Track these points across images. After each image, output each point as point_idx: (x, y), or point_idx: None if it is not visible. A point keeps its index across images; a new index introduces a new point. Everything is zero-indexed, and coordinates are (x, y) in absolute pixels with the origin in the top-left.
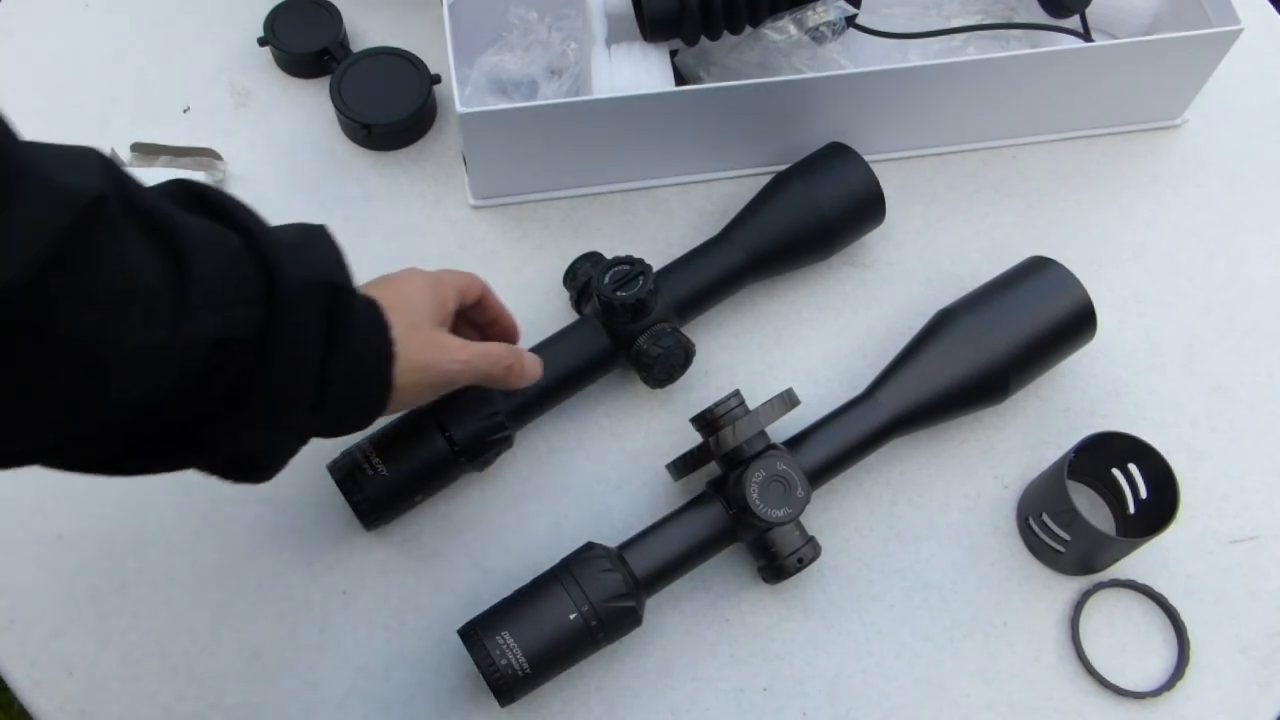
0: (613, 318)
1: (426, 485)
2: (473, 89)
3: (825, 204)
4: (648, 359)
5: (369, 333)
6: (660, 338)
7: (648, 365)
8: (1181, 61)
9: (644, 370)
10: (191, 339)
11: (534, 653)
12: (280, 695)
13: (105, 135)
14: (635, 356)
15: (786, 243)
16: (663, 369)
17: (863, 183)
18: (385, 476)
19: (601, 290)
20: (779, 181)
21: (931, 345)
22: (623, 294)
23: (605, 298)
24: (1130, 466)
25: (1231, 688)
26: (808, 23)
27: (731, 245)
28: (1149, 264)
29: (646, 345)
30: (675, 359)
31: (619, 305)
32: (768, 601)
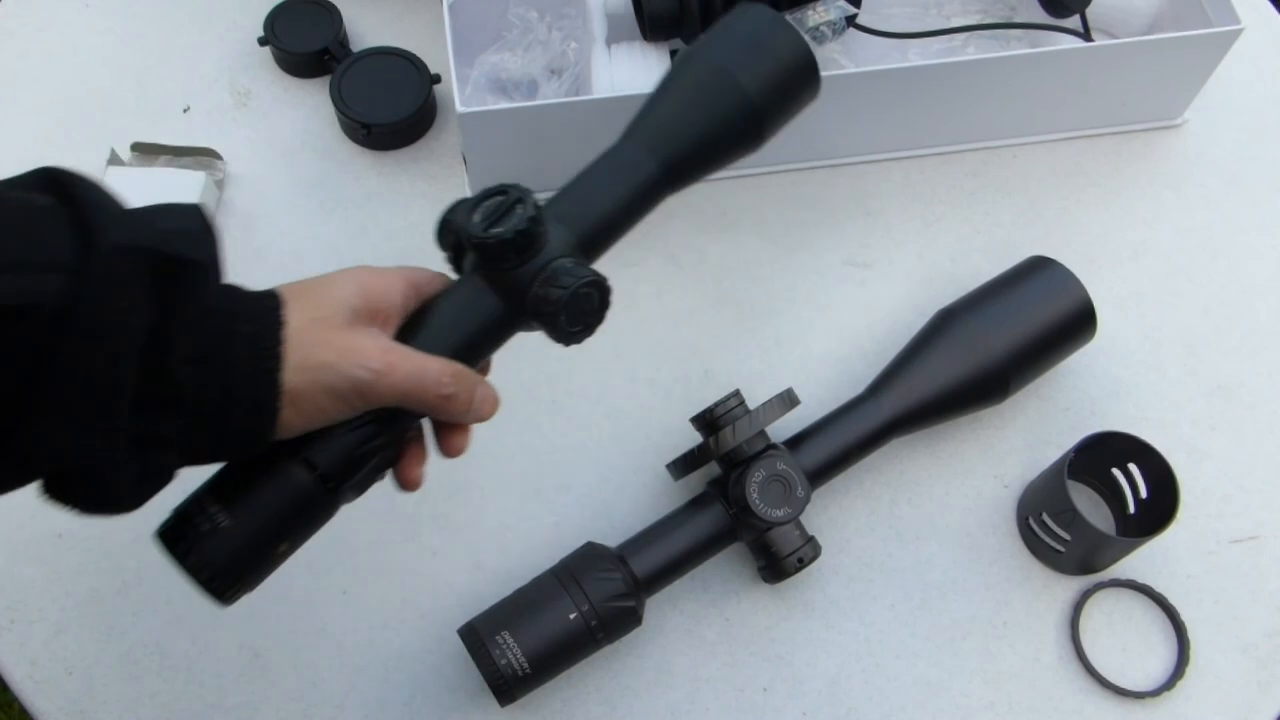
0: (494, 265)
1: (290, 530)
2: (473, 89)
3: (734, 69)
4: (549, 306)
5: (232, 317)
6: (559, 276)
7: (550, 314)
8: (1181, 61)
9: (549, 323)
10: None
11: (534, 653)
12: (280, 695)
13: (105, 135)
14: (534, 308)
15: (703, 134)
16: (571, 315)
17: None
18: (227, 528)
19: (470, 232)
20: (686, 57)
21: (931, 345)
22: (498, 229)
23: (477, 239)
24: (1130, 466)
25: (1231, 688)
26: (808, 23)
27: (637, 148)
28: (1149, 264)
29: (543, 289)
30: (586, 300)
31: (495, 244)
32: (768, 601)
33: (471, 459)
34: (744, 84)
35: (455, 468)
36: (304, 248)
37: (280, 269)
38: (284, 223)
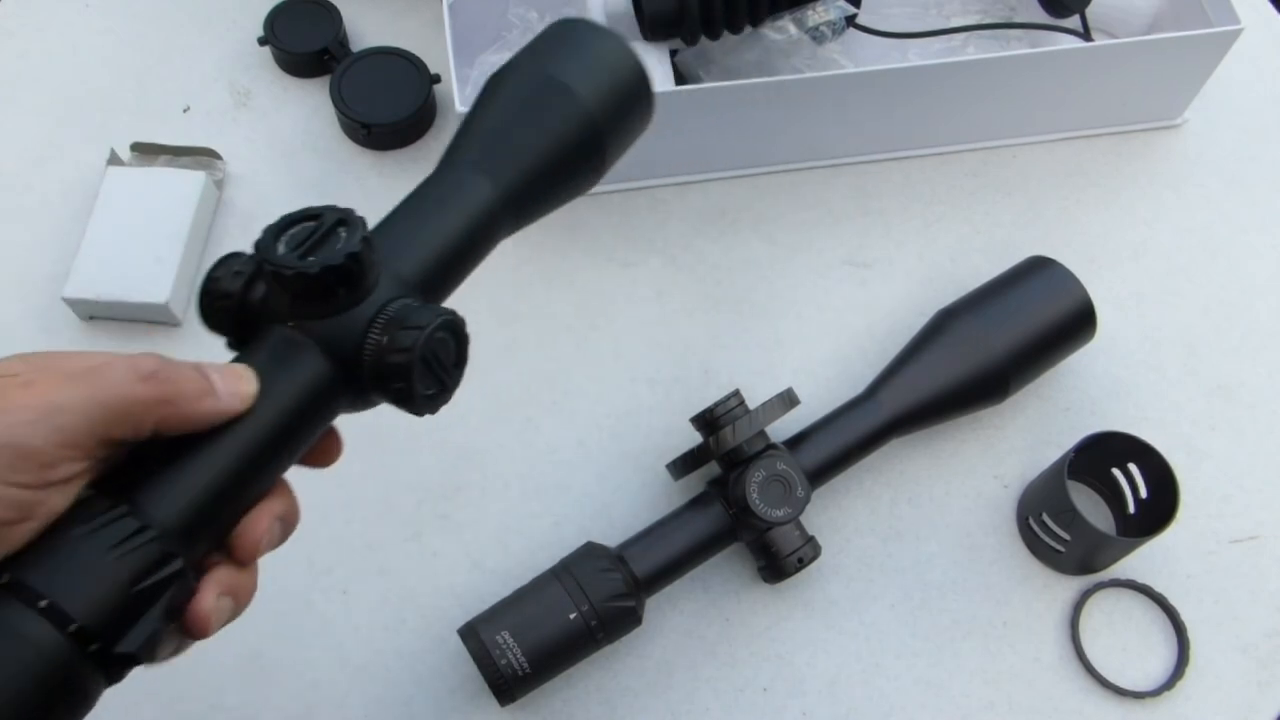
0: (312, 307)
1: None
2: (473, 89)
3: (566, 78)
4: (396, 358)
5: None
6: (406, 316)
7: (398, 369)
8: (1181, 61)
9: (395, 381)
10: None
11: (534, 653)
12: (280, 695)
13: (105, 135)
14: (374, 364)
15: (542, 150)
16: (426, 368)
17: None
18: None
19: (279, 262)
20: (504, 73)
21: (931, 345)
22: (314, 259)
23: (291, 269)
24: (1130, 466)
25: (1231, 688)
26: (808, 23)
27: (464, 172)
28: (1149, 264)
29: (385, 336)
30: (442, 347)
31: (318, 275)
32: (768, 601)
33: (471, 459)
34: (580, 94)
35: (455, 468)
36: None
37: None
38: None
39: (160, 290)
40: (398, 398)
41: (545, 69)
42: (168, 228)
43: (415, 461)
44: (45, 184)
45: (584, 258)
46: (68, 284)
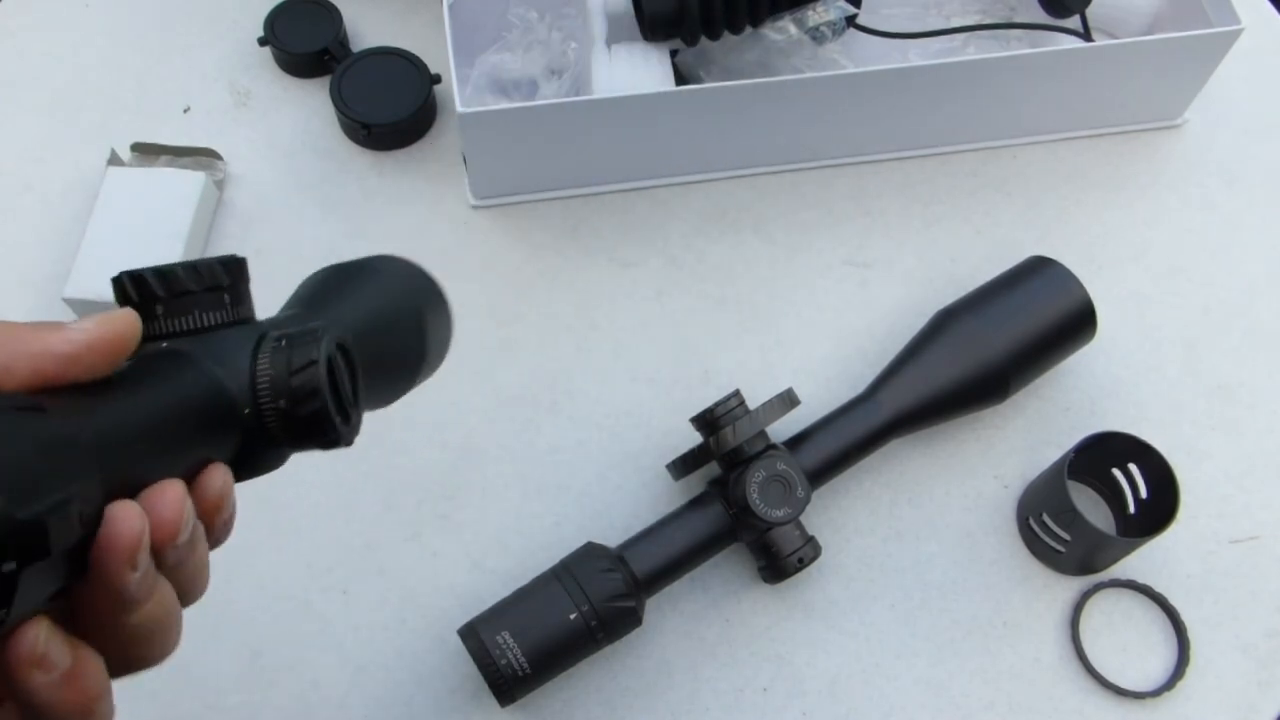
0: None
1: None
2: (473, 89)
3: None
4: (303, 415)
5: None
6: (292, 363)
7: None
8: (1181, 61)
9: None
10: None
11: (534, 653)
12: (280, 695)
13: (105, 135)
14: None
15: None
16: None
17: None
18: None
19: (281, 386)
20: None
21: (931, 345)
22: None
23: (290, 393)
24: (1130, 466)
25: (1231, 688)
26: (808, 23)
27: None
28: (1149, 264)
29: (279, 387)
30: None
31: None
32: (768, 601)
33: (471, 459)
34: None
35: (455, 468)
36: (304, 248)
37: (280, 269)
38: (284, 223)
39: None
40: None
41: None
42: (168, 228)
43: (415, 461)
44: (45, 184)
45: (584, 258)
46: (68, 284)
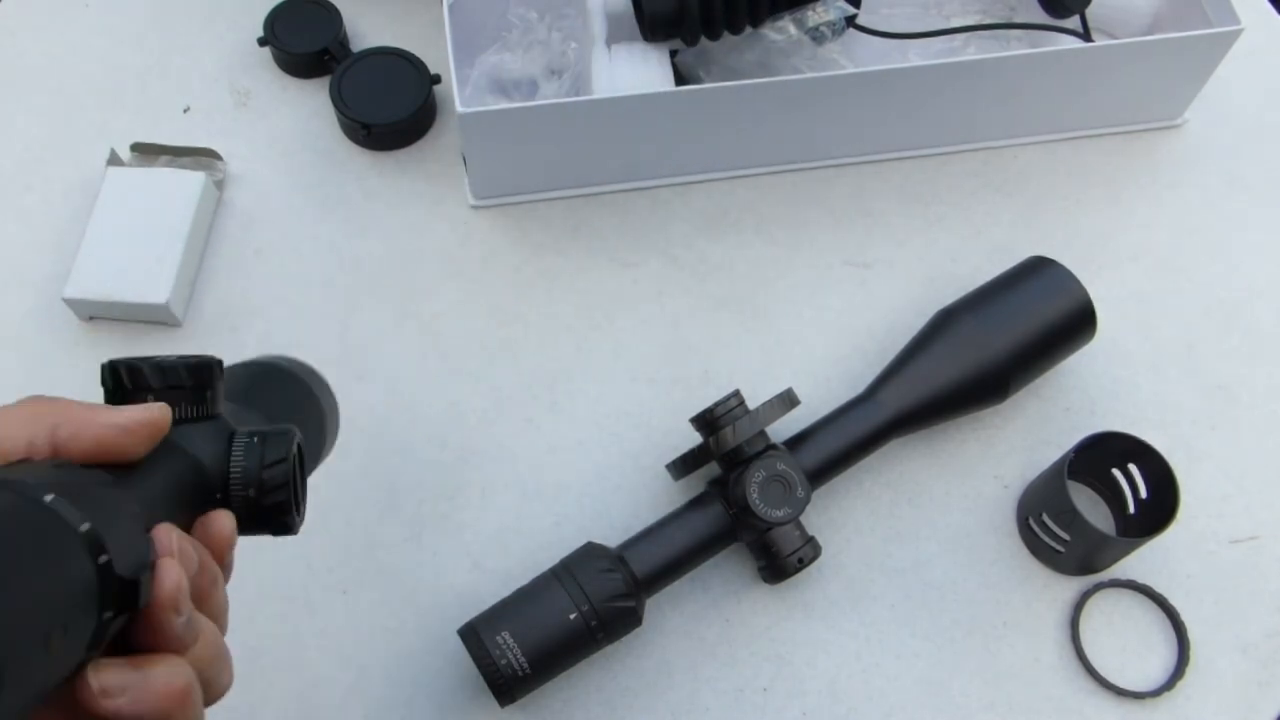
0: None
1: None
2: (473, 89)
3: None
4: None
5: None
6: (265, 459)
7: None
8: (1181, 61)
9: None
10: None
11: (534, 653)
12: (280, 695)
13: (105, 135)
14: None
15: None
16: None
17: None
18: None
19: (263, 484)
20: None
21: (931, 345)
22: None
23: (263, 491)
24: (1130, 466)
25: (1231, 688)
26: (808, 23)
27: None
28: (1149, 264)
29: (250, 480)
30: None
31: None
32: (768, 601)
33: (471, 459)
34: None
35: (455, 468)
36: (304, 248)
37: (280, 269)
38: (284, 223)
39: (160, 290)
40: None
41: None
42: (168, 228)
43: (415, 461)
44: (45, 184)
45: (584, 258)
46: (68, 284)
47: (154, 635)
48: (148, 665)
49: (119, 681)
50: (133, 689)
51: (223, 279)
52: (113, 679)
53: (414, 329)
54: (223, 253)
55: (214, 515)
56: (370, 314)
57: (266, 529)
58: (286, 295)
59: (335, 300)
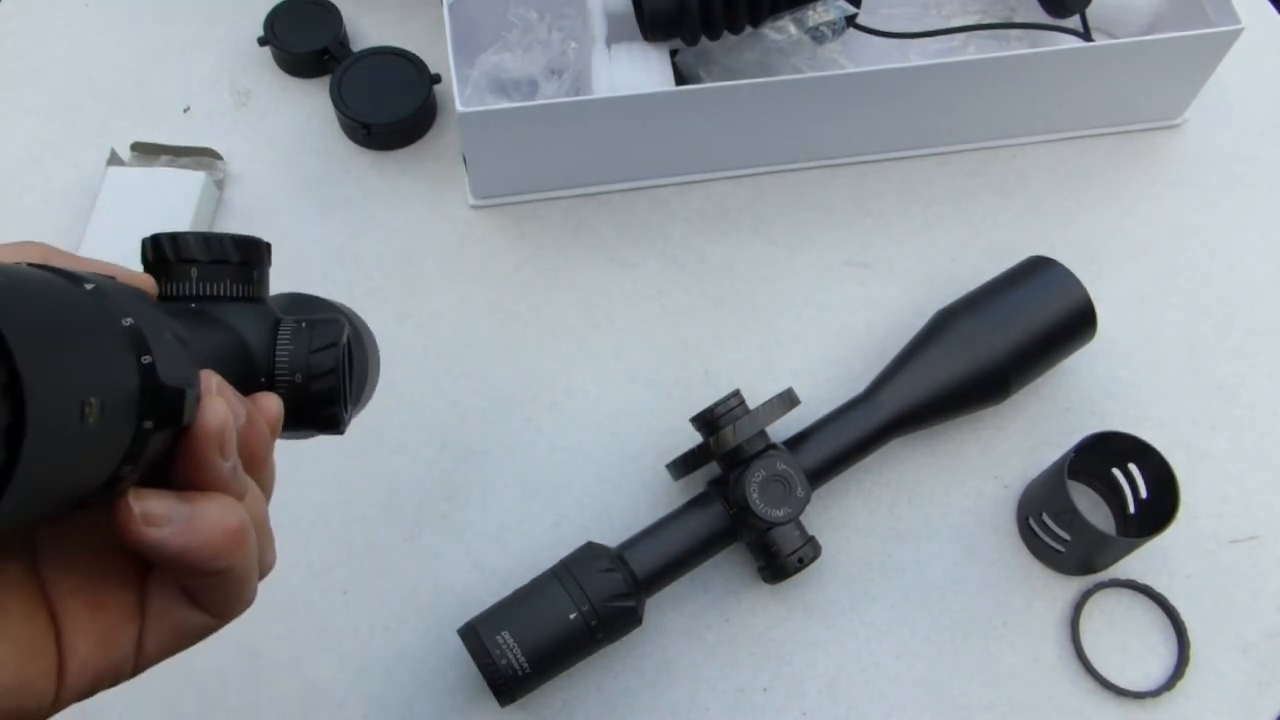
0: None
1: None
2: (473, 89)
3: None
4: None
5: None
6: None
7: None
8: (1181, 61)
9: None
10: None
11: (534, 653)
12: (280, 695)
13: (105, 135)
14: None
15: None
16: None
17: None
18: None
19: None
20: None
21: (931, 345)
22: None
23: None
24: (1130, 466)
25: (1231, 688)
26: (808, 23)
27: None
28: (1149, 264)
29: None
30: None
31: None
32: (768, 601)
33: (471, 459)
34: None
35: (455, 468)
36: (304, 248)
37: (280, 269)
38: (284, 223)
39: None
40: (324, 422)
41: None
42: (168, 228)
43: (415, 461)
44: (45, 184)
45: (584, 258)
46: None
47: (196, 476)
48: (198, 499)
49: (164, 510)
50: (180, 520)
51: None
52: (158, 506)
53: (414, 329)
54: None
55: (260, 395)
56: (370, 314)
57: (312, 424)
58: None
59: (335, 300)
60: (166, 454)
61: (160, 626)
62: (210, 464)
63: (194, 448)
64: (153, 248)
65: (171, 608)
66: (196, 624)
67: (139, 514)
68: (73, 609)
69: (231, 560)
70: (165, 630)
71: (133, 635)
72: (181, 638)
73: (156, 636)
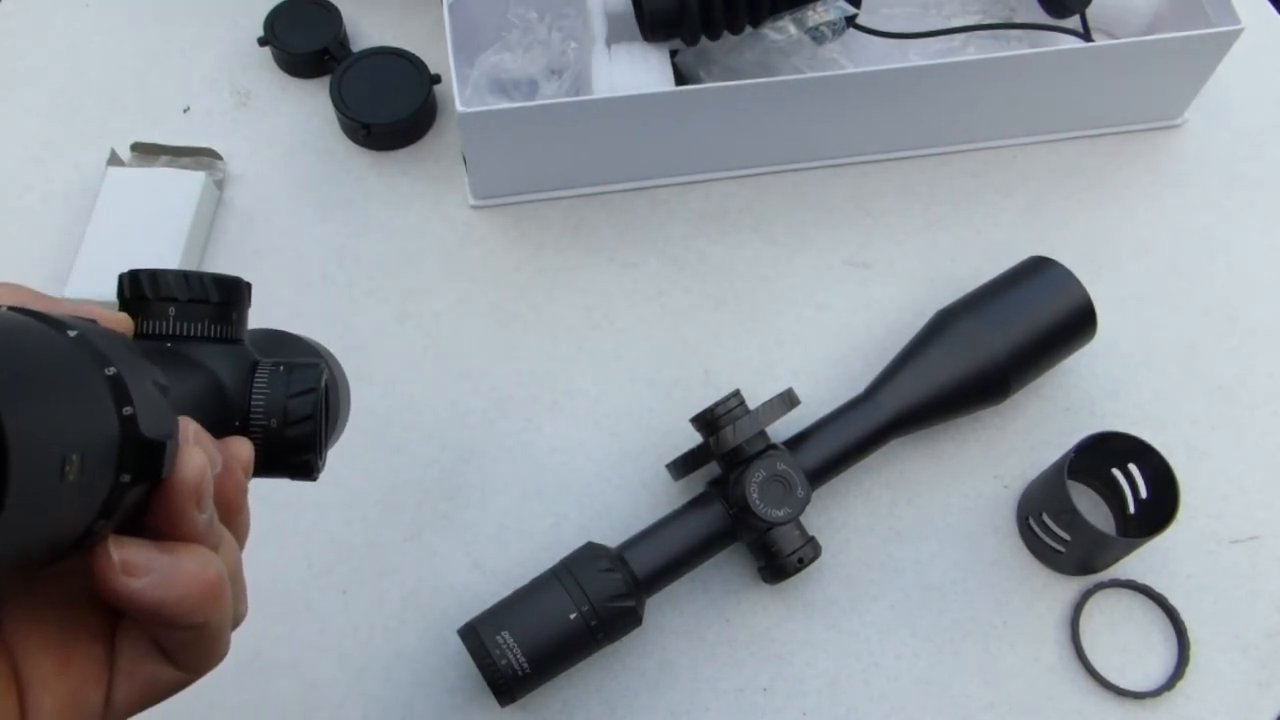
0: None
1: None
2: (473, 89)
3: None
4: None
5: None
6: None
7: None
8: (1181, 61)
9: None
10: None
11: (534, 653)
12: (280, 695)
13: (105, 135)
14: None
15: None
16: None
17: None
18: None
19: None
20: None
21: (931, 345)
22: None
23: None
24: (1130, 466)
25: (1231, 688)
26: (808, 23)
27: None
28: (1149, 264)
29: (274, 410)
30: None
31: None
32: (768, 601)
33: (471, 459)
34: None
35: (455, 468)
36: (304, 248)
37: (280, 269)
38: (284, 223)
39: None
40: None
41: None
42: (168, 228)
43: (415, 461)
44: (45, 184)
45: (584, 258)
46: (68, 284)
47: (172, 527)
48: (177, 550)
49: (144, 560)
50: (160, 570)
51: None
52: (138, 555)
53: (414, 329)
54: (223, 253)
55: (231, 439)
56: (370, 314)
57: (286, 469)
58: (286, 295)
59: (335, 300)
60: (141, 504)
61: (130, 682)
62: (187, 515)
63: (171, 499)
64: (131, 284)
65: (142, 662)
66: (168, 679)
67: (118, 562)
68: (38, 665)
69: (208, 614)
70: (135, 686)
71: (101, 692)
72: (152, 693)
73: (126, 693)
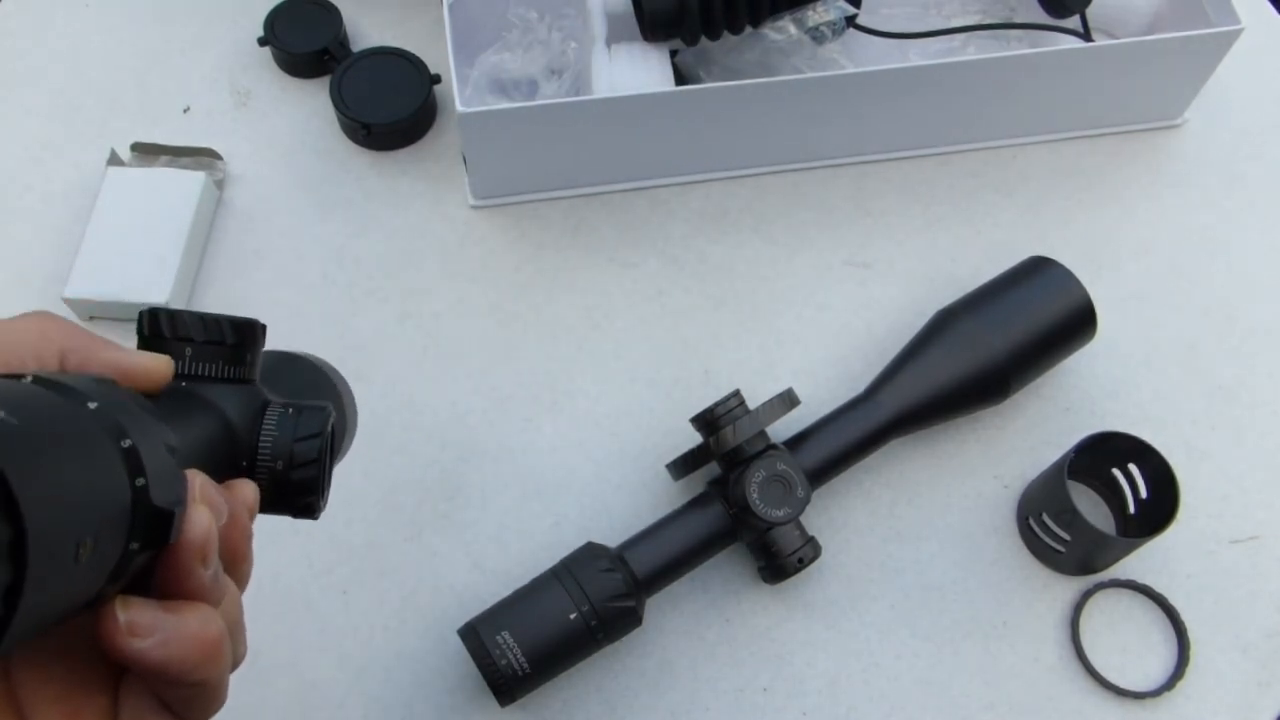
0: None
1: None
2: (473, 89)
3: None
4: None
5: None
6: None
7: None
8: (1181, 61)
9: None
10: None
11: (534, 653)
12: (280, 695)
13: (105, 135)
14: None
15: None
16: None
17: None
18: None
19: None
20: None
21: (931, 345)
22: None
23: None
24: (1130, 466)
25: (1231, 688)
26: (808, 23)
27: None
28: (1149, 264)
29: (279, 454)
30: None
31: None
32: (768, 601)
33: (471, 459)
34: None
35: (455, 468)
36: (304, 248)
37: (280, 269)
38: (284, 223)
39: (161, 290)
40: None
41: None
42: (168, 228)
43: (415, 461)
44: (45, 184)
45: (584, 258)
46: (68, 284)
47: (178, 585)
48: (181, 610)
49: (149, 621)
50: (164, 631)
51: (223, 279)
52: (143, 616)
53: (414, 329)
54: (223, 253)
55: (237, 483)
56: (370, 314)
57: (289, 508)
58: (286, 295)
59: (335, 300)
60: (148, 565)
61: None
62: (193, 574)
63: (177, 559)
64: (150, 322)
65: (145, 714)
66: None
67: (124, 624)
68: (47, 718)
69: (207, 673)
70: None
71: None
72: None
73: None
